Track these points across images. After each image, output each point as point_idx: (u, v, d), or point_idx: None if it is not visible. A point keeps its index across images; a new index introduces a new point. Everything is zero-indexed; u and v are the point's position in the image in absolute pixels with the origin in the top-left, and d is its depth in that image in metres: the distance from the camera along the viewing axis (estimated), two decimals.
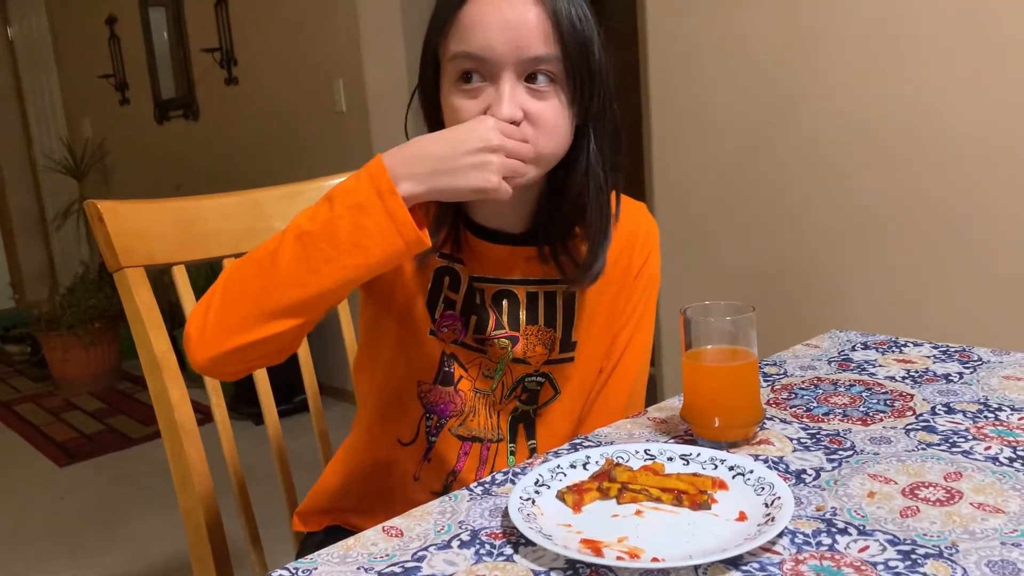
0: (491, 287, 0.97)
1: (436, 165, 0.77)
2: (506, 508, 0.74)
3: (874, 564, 0.62)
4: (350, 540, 0.73)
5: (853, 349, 1.14)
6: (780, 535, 0.67)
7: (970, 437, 0.83)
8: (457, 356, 0.98)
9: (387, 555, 0.69)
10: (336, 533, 1.11)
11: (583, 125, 0.88)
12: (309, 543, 1.14)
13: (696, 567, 0.63)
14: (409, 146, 0.79)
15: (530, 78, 0.83)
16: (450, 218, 0.94)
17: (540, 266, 0.96)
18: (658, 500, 0.74)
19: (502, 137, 0.79)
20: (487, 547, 0.69)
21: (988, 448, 0.81)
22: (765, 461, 0.81)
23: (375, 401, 1.03)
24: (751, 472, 0.76)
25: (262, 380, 1.23)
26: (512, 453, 1.02)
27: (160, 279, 1.24)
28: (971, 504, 0.70)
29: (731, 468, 0.78)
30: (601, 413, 1.05)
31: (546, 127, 0.83)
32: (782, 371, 1.08)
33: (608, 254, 0.97)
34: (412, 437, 1.01)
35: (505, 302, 0.97)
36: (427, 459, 1.01)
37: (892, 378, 1.02)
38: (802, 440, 0.86)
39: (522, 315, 0.98)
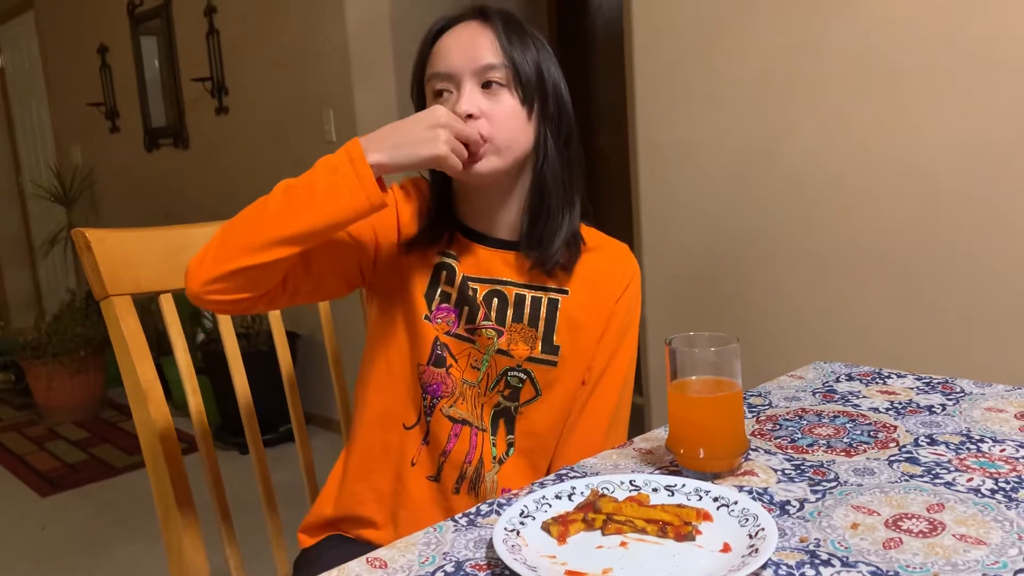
0: (484, 286, 1.08)
1: (397, 140, 0.94)
2: (491, 539, 0.74)
3: None
4: (334, 572, 0.72)
5: (837, 380, 1.15)
6: (764, 566, 0.67)
7: (953, 469, 0.84)
8: (449, 347, 1.08)
9: None
10: (335, 542, 1.14)
11: (542, 128, 1.05)
12: (307, 559, 1.15)
13: None
14: (379, 130, 0.96)
15: (486, 85, 1.01)
16: (447, 221, 1.09)
17: (527, 272, 1.08)
18: (643, 531, 0.74)
19: (451, 118, 0.95)
20: None
21: (970, 480, 0.81)
22: (749, 492, 0.82)
23: (381, 389, 1.11)
24: (735, 503, 0.77)
25: (247, 409, 1.23)
26: (494, 445, 1.10)
27: (147, 307, 1.24)
28: (953, 536, 0.70)
29: (716, 499, 0.78)
30: (585, 430, 1.12)
31: (499, 121, 1.01)
32: (767, 402, 1.08)
33: (592, 275, 1.11)
34: (415, 420, 1.10)
35: (495, 300, 1.08)
36: (425, 442, 1.09)
37: (876, 409, 1.02)
38: (786, 471, 0.86)
39: (509, 313, 1.08)
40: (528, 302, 1.08)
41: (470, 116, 0.99)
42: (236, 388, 1.23)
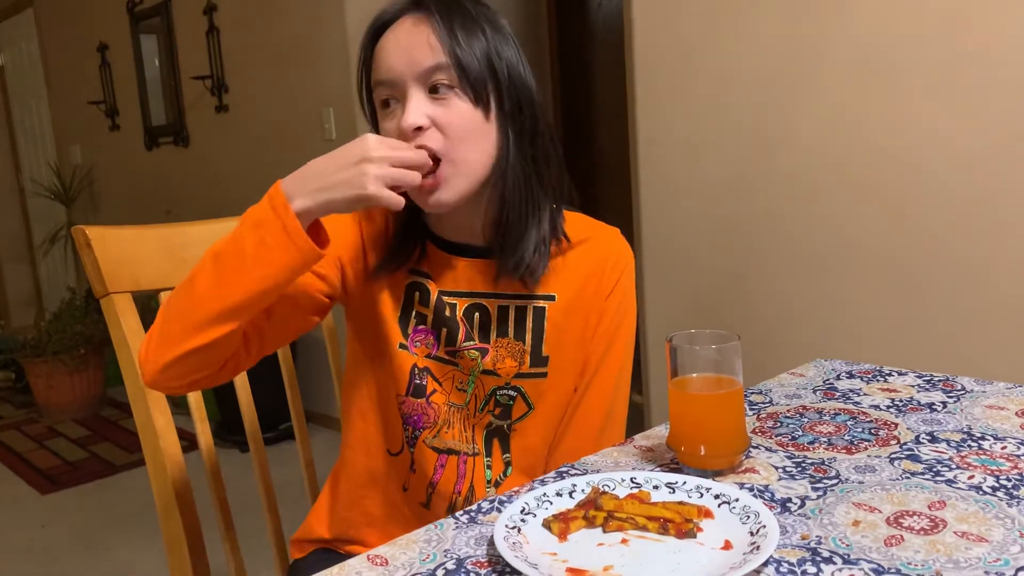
0: (463, 301, 1.01)
1: (320, 181, 0.84)
2: (491, 536, 0.74)
3: None
4: (335, 569, 0.72)
5: (838, 378, 1.15)
6: (765, 564, 0.67)
7: (954, 466, 0.84)
8: (431, 370, 1.02)
9: None
10: (326, 554, 1.12)
11: (503, 125, 0.95)
12: (297, 568, 1.14)
13: None
14: (302, 168, 0.86)
15: (433, 90, 0.91)
16: (416, 235, 1.01)
17: (506, 280, 0.99)
18: (644, 528, 0.74)
19: (385, 150, 0.85)
20: None
21: (972, 477, 0.81)
22: (751, 489, 0.82)
23: (363, 416, 1.07)
24: (736, 500, 0.76)
25: (247, 407, 1.23)
26: (488, 467, 1.04)
27: (147, 305, 1.24)
28: (955, 533, 0.70)
29: (717, 496, 0.78)
30: (579, 430, 1.06)
31: (452, 129, 0.91)
32: (767, 399, 1.08)
33: (579, 275, 1.03)
34: (399, 448, 1.05)
35: (477, 315, 1.01)
36: (413, 470, 1.05)
37: (877, 407, 1.02)
38: (787, 469, 0.86)
39: (492, 327, 1.01)
40: (512, 313, 1.01)
41: (418, 128, 0.90)
42: (236, 386, 1.23)
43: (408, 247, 1.01)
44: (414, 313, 1.01)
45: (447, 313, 1.00)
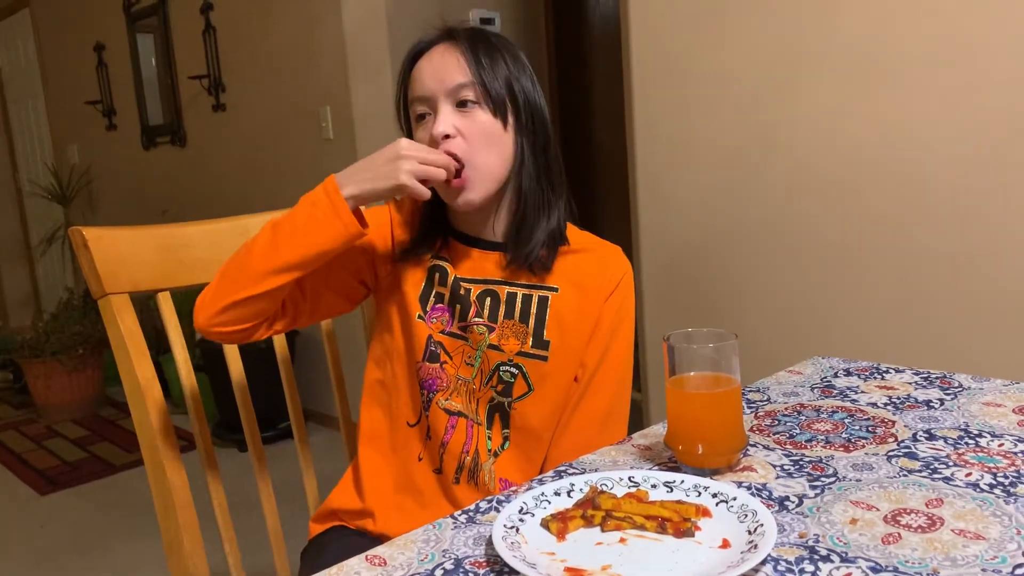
0: (477, 286, 1.13)
1: (364, 174, 1.01)
2: (490, 536, 0.74)
3: None
4: (333, 569, 0.72)
5: (835, 375, 1.15)
6: (763, 562, 0.67)
7: (951, 464, 0.84)
8: (443, 344, 1.12)
9: None
10: (341, 532, 1.17)
11: (518, 137, 1.10)
12: (307, 550, 1.19)
13: None
14: (352, 165, 1.03)
15: (460, 104, 1.07)
16: (439, 229, 1.16)
17: (516, 271, 1.12)
18: (642, 527, 0.74)
19: (412, 149, 1.01)
20: None
21: (969, 475, 0.81)
22: (748, 488, 0.82)
23: (385, 389, 1.17)
24: (734, 499, 0.77)
25: (246, 406, 1.23)
26: (489, 438, 1.13)
27: (145, 305, 1.24)
28: (952, 531, 0.71)
29: (714, 495, 0.78)
30: (580, 425, 1.14)
31: (474, 136, 1.07)
32: (765, 397, 1.08)
33: (581, 274, 1.14)
34: (416, 418, 1.14)
35: (488, 300, 1.13)
36: (428, 437, 1.14)
37: (874, 404, 1.02)
38: (785, 467, 0.86)
39: (501, 311, 1.12)
40: (519, 300, 1.12)
41: (446, 136, 1.04)
42: (234, 385, 1.23)
43: (431, 239, 1.15)
44: (433, 292, 1.13)
45: (462, 292, 1.12)
